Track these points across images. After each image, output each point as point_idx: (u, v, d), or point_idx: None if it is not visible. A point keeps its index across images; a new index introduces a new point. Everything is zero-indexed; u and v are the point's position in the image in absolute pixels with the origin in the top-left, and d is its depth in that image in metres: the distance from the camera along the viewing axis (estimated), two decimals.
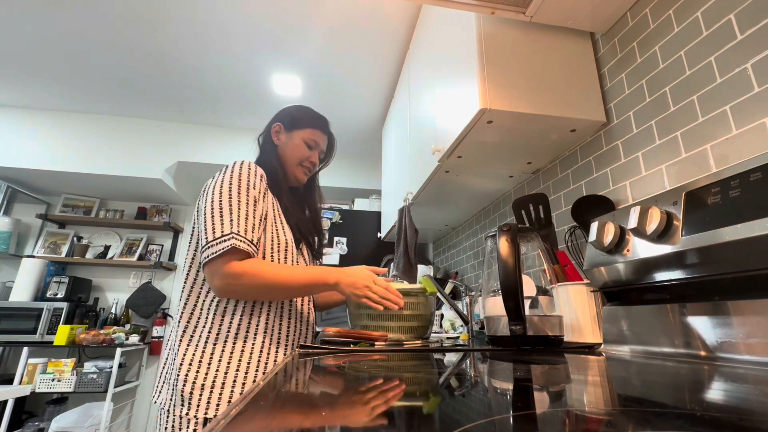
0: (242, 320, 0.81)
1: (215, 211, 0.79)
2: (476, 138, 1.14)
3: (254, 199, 0.82)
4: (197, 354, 0.77)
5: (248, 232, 0.78)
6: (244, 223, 0.78)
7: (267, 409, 0.29)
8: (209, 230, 0.77)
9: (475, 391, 0.37)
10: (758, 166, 0.50)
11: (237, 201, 0.80)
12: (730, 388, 0.36)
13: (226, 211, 0.78)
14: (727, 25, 0.75)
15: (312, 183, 1.09)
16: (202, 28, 2.03)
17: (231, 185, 0.82)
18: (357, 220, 2.81)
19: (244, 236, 0.77)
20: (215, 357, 0.77)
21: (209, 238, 0.76)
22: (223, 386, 0.75)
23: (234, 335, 0.79)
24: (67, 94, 2.68)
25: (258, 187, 0.85)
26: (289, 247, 0.90)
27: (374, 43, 2.12)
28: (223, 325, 0.80)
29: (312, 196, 1.09)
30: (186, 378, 0.75)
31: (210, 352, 0.77)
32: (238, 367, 0.77)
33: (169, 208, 3.46)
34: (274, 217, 0.89)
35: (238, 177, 0.83)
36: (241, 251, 0.76)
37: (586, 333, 0.81)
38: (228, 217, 0.78)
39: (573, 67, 1.09)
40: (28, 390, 2.36)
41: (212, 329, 0.79)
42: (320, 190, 1.12)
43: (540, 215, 1.18)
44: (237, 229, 0.76)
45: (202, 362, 0.76)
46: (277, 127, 1.02)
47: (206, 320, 0.80)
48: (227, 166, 0.86)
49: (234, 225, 0.77)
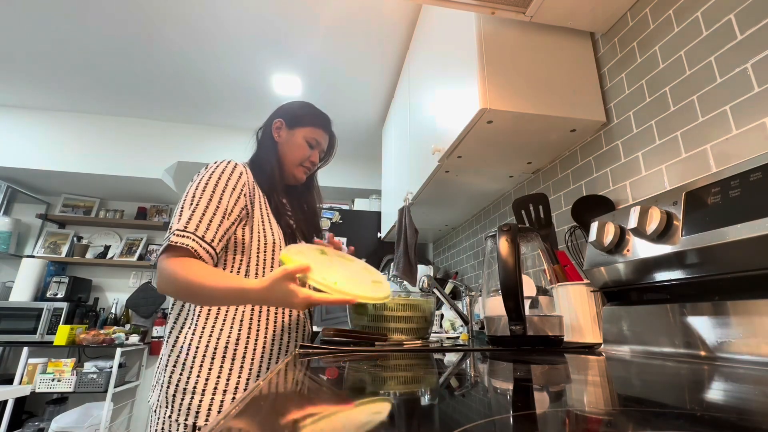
0: (224, 325, 0.79)
1: (177, 209, 0.79)
2: (476, 138, 1.14)
3: (219, 198, 0.79)
4: (182, 356, 0.76)
5: (199, 228, 0.75)
6: (197, 220, 0.75)
7: (267, 409, 0.29)
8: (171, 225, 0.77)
9: (475, 391, 0.37)
10: (758, 166, 0.50)
11: (199, 198, 0.78)
12: (730, 388, 0.36)
13: (186, 209, 0.77)
14: (727, 25, 0.75)
15: (310, 182, 1.07)
16: (202, 29, 2.03)
17: (199, 184, 0.80)
18: (357, 220, 2.81)
19: (192, 232, 0.74)
20: (197, 361, 0.75)
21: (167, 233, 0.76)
22: (203, 392, 0.73)
23: (216, 339, 0.77)
24: (68, 94, 2.68)
25: (231, 184, 0.82)
26: (277, 247, 0.87)
27: (374, 43, 2.12)
28: (206, 328, 0.78)
29: (310, 195, 1.07)
30: (170, 380, 0.75)
31: (193, 356, 0.76)
32: (219, 373, 0.75)
33: (169, 208, 3.46)
34: (261, 217, 0.87)
35: (209, 176, 0.81)
36: (178, 248, 0.72)
37: (586, 333, 0.81)
38: (187, 214, 0.76)
39: (573, 67, 1.09)
40: (28, 390, 2.36)
41: (195, 332, 0.78)
42: (319, 189, 1.09)
43: (540, 215, 1.18)
44: (185, 225, 0.74)
45: (185, 365, 0.75)
46: (279, 123, 0.99)
47: (192, 322, 0.79)
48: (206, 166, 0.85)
49: (182, 221, 0.75)
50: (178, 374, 0.75)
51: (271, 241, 0.86)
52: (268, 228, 0.87)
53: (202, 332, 0.78)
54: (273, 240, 0.87)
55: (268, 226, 0.87)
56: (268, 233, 0.86)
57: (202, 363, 0.75)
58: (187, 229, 0.74)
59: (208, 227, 0.76)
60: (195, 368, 0.75)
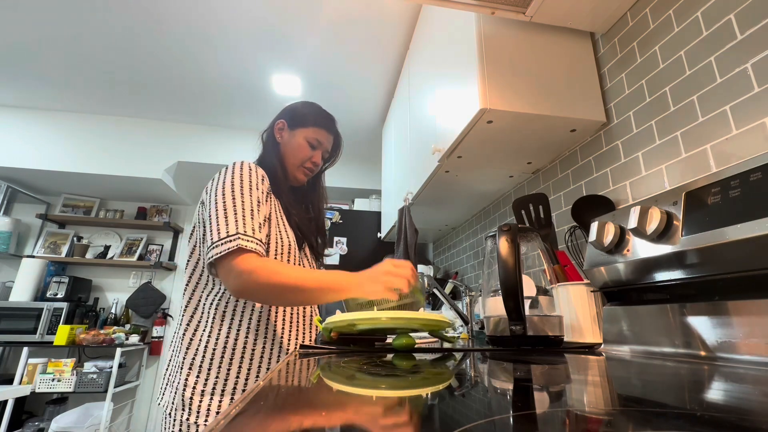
0: (241, 325, 0.79)
1: (219, 212, 0.75)
2: (476, 138, 1.14)
3: (257, 200, 0.79)
4: (197, 358, 0.76)
5: (255, 231, 0.75)
6: (251, 223, 0.75)
7: (267, 409, 0.29)
8: (214, 231, 0.73)
9: (475, 391, 0.37)
10: (758, 166, 0.50)
11: (241, 201, 0.77)
12: (730, 388, 0.36)
13: (231, 212, 0.75)
14: (727, 25, 0.75)
15: (316, 182, 1.06)
16: (202, 29, 2.03)
17: (233, 185, 0.79)
18: (357, 220, 2.81)
19: (252, 236, 0.73)
20: (215, 363, 0.75)
21: (214, 239, 0.72)
22: (223, 393, 0.74)
23: (234, 340, 0.78)
24: (68, 94, 2.68)
25: (261, 188, 0.82)
26: (292, 249, 0.87)
27: (374, 43, 2.12)
28: (222, 329, 0.78)
29: (315, 196, 1.06)
30: (186, 382, 0.74)
31: (210, 358, 0.76)
32: (238, 374, 0.76)
33: (169, 208, 3.46)
34: (276, 219, 0.87)
35: (240, 177, 0.80)
36: (248, 251, 0.72)
37: (586, 333, 0.81)
38: (233, 217, 0.74)
39: (573, 67, 1.09)
40: (28, 390, 2.36)
41: (212, 333, 0.78)
42: (324, 190, 1.08)
43: (540, 215, 1.18)
44: (243, 229, 0.73)
45: (202, 367, 0.75)
46: (281, 124, 0.98)
47: (207, 324, 0.79)
48: (227, 167, 0.83)
49: (240, 225, 0.73)
50: (194, 376, 0.74)
51: (287, 243, 0.86)
52: (283, 230, 0.87)
53: (219, 334, 0.77)
54: (288, 242, 0.87)
55: (282, 228, 0.87)
56: (283, 235, 0.86)
57: (220, 364, 0.75)
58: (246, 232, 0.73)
59: (260, 229, 0.76)
60: (213, 370, 0.75)
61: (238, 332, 0.78)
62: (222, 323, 0.78)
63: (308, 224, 0.98)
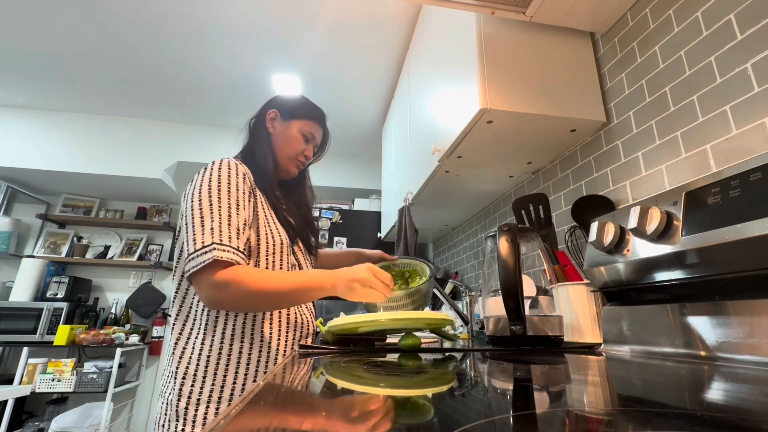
0: (235, 330, 0.76)
1: (195, 219, 0.72)
2: (476, 138, 1.14)
3: (236, 202, 0.75)
4: (191, 367, 0.74)
5: (232, 239, 0.71)
6: (227, 230, 0.71)
7: (267, 409, 0.29)
8: (191, 241, 0.71)
9: (475, 391, 0.37)
10: (758, 166, 0.50)
11: (218, 206, 0.73)
12: (730, 388, 0.36)
13: (207, 218, 0.72)
14: (727, 25, 0.75)
15: (302, 177, 1.03)
16: (202, 28, 2.03)
17: (210, 189, 0.75)
18: (357, 220, 2.81)
19: (228, 244, 0.70)
20: (209, 370, 0.73)
21: (190, 250, 0.70)
22: (219, 401, 0.72)
23: (229, 347, 0.75)
24: (68, 95, 2.68)
25: (242, 188, 0.78)
26: (285, 246, 0.84)
27: (374, 43, 2.12)
28: (216, 336, 0.75)
29: (302, 191, 1.03)
30: (181, 392, 0.72)
31: (204, 365, 0.73)
32: (234, 380, 0.74)
33: (169, 208, 3.46)
34: (265, 217, 0.83)
35: (218, 179, 0.76)
36: (224, 262, 0.69)
37: (586, 333, 0.81)
38: (209, 224, 0.71)
39: (573, 67, 1.09)
40: (28, 390, 2.36)
41: (205, 341, 0.75)
42: (311, 185, 1.06)
43: (540, 215, 1.18)
44: (219, 238, 0.70)
45: (196, 375, 0.73)
46: (273, 113, 0.95)
47: (199, 331, 0.76)
48: (205, 168, 0.79)
49: (215, 234, 0.70)
50: (189, 385, 0.72)
51: (279, 240, 0.83)
52: (273, 227, 0.84)
53: (212, 340, 0.75)
54: (281, 240, 0.84)
55: (273, 225, 0.84)
56: (274, 233, 0.83)
57: (215, 371, 0.73)
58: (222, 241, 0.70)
59: (237, 235, 0.73)
60: (208, 378, 0.73)
61: (233, 338, 0.76)
62: (215, 330, 0.76)
63: (298, 219, 0.95)
